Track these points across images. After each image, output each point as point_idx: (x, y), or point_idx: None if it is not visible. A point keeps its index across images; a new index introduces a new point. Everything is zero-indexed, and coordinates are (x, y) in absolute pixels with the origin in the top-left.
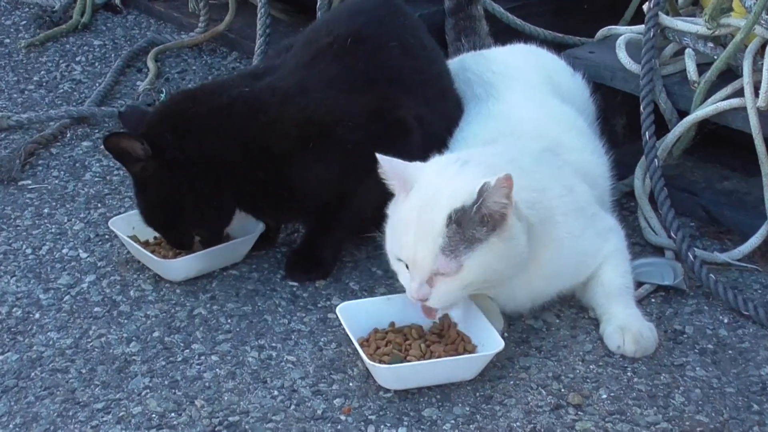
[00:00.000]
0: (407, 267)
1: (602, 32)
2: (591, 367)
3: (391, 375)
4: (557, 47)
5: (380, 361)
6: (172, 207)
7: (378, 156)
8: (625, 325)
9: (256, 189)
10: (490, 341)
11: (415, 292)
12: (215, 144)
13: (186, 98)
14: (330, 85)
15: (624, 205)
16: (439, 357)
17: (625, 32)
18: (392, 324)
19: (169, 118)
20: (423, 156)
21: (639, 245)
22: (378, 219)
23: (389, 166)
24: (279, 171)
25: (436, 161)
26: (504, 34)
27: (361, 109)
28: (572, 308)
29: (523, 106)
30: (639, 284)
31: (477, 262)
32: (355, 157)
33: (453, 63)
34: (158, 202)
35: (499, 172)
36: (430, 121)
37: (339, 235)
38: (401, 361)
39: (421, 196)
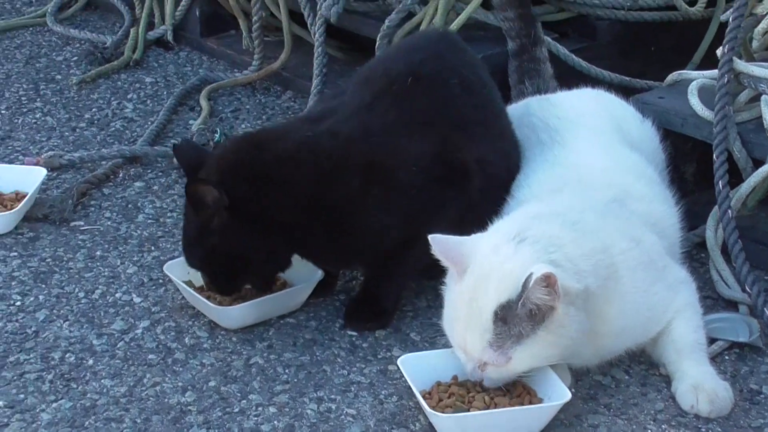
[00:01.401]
0: None
1: (672, 77)
2: (663, 427)
3: (454, 425)
4: (624, 90)
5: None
6: (233, 256)
7: (430, 237)
8: (699, 384)
9: (317, 236)
10: (556, 394)
11: (470, 374)
12: (284, 194)
13: (251, 145)
14: (391, 129)
15: (695, 257)
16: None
17: (698, 77)
18: (455, 377)
19: (240, 166)
20: (483, 199)
21: (711, 299)
22: (439, 266)
23: (442, 246)
24: (340, 218)
25: (493, 235)
26: (568, 77)
27: (423, 153)
28: (642, 364)
29: (590, 153)
30: (711, 340)
31: (525, 355)
32: (416, 203)
33: (517, 107)
34: (220, 250)
35: (555, 251)
36: (490, 162)
37: (399, 283)
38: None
39: (473, 281)
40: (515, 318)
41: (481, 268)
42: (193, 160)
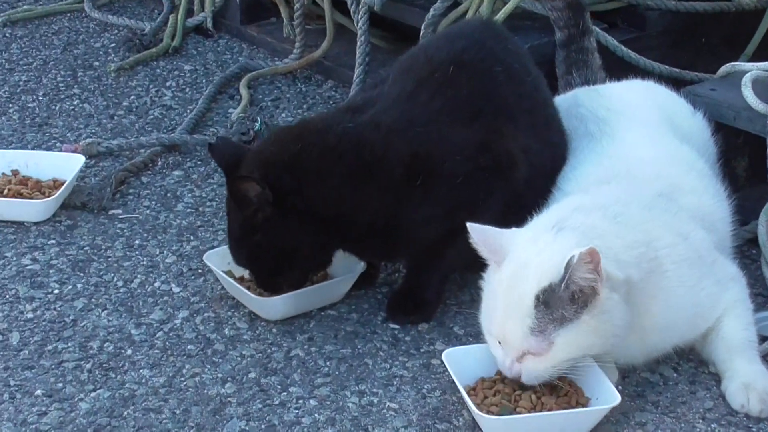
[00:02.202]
0: (499, 342)
1: (725, 69)
2: (713, 426)
3: (501, 427)
4: (673, 82)
5: (488, 412)
6: (277, 252)
7: (468, 225)
8: (750, 383)
9: (360, 229)
10: (604, 394)
11: (507, 369)
12: (327, 187)
13: (292, 138)
14: (434, 118)
15: (745, 253)
16: (550, 410)
17: (751, 69)
18: (499, 372)
19: (281, 161)
20: (528, 190)
21: (762, 296)
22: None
23: (481, 235)
24: (383, 210)
25: (532, 227)
26: (617, 68)
27: (467, 143)
28: (691, 361)
29: (639, 145)
30: (762, 339)
31: (568, 340)
32: (461, 193)
33: (565, 98)
34: (264, 247)
35: (595, 239)
36: (535, 152)
37: (443, 275)
38: (511, 413)
39: (511, 270)
40: (558, 301)
41: (519, 257)
42: (231, 157)
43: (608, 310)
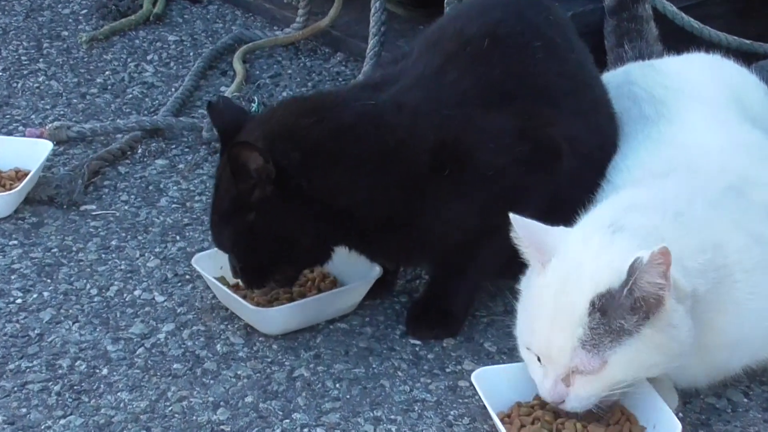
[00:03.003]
0: (539, 359)
1: None
2: None
3: None
4: (742, 56)
5: None
6: (270, 239)
7: (512, 217)
8: None
9: (375, 226)
10: (662, 422)
11: (549, 392)
12: (341, 172)
13: (305, 110)
14: (465, 100)
15: None
16: None
17: None
18: (538, 396)
19: (291, 134)
20: (573, 184)
21: None
22: (519, 262)
23: (525, 230)
24: (405, 204)
25: (583, 226)
26: (676, 39)
27: (503, 129)
28: (764, 384)
29: (703, 131)
30: None
31: (625, 358)
32: (495, 188)
33: (615, 75)
34: (256, 230)
35: (659, 242)
36: (582, 140)
37: (472, 283)
38: None
39: (561, 272)
40: (617, 309)
41: (569, 259)
42: (231, 122)
43: (675, 324)
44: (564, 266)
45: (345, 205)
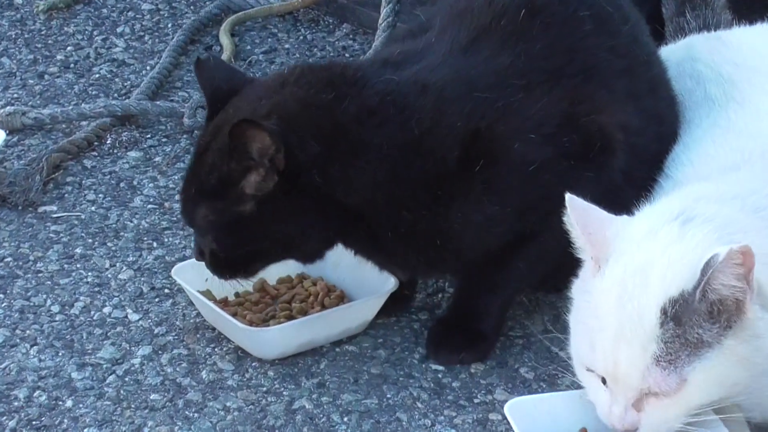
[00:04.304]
0: (603, 381)
1: None
2: None
3: None
4: None
5: None
6: (262, 239)
7: (568, 198)
8: None
9: (394, 230)
10: None
11: (619, 420)
12: (360, 166)
13: (323, 82)
14: (501, 81)
15: None
16: None
17: None
18: (584, 431)
19: (310, 116)
20: (627, 182)
21: None
22: (564, 272)
23: (582, 214)
24: (430, 205)
25: (646, 216)
26: (748, 7)
27: (546, 116)
28: None
29: None
30: None
31: (707, 375)
32: (536, 186)
33: (675, 49)
34: (248, 227)
35: (736, 235)
36: (637, 130)
37: (506, 298)
38: None
39: (622, 273)
40: (692, 316)
41: (632, 256)
42: (223, 84)
43: (760, 335)
44: (626, 265)
45: (359, 204)
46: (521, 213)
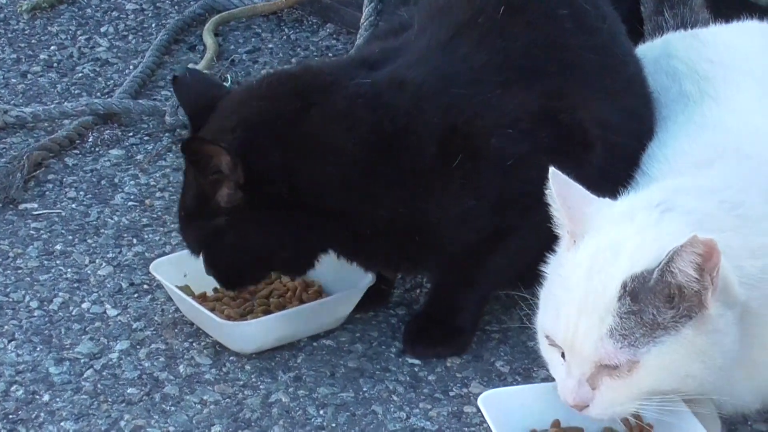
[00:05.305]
0: (563, 356)
1: None
2: None
3: None
4: None
5: None
6: (242, 249)
7: (551, 171)
8: None
9: (370, 230)
10: None
11: (571, 393)
12: (331, 170)
13: (289, 92)
14: (479, 77)
15: None
16: None
17: None
18: (557, 423)
19: (272, 127)
20: (603, 178)
21: None
22: (539, 269)
23: (563, 188)
24: (406, 203)
25: (628, 201)
26: (726, 5)
27: (524, 112)
28: None
29: (755, 112)
30: None
31: (661, 361)
32: (514, 181)
33: (652, 46)
34: (226, 238)
35: (713, 233)
36: (615, 127)
37: (482, 292)
38: None
39: (595, 248)
40: (649, 295)
41: (608, 234)
42: (202, 100)
43: (720, 329)
44: (600, 241)
45: (335, 207)
46: (499, 208)
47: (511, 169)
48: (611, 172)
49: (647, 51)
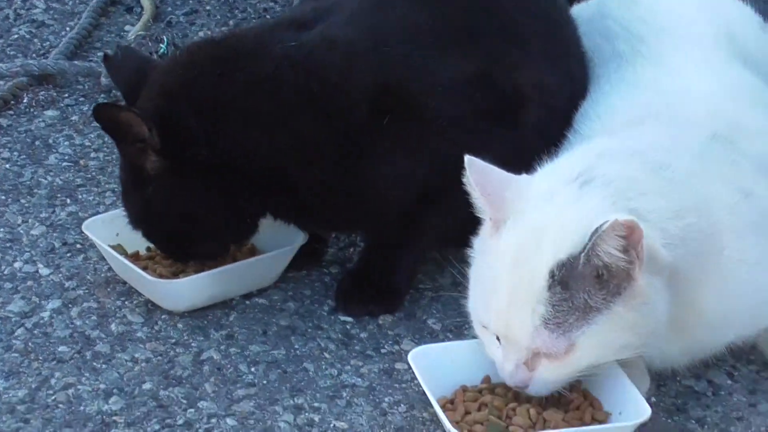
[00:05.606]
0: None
1: None
2: None
3: None
4: None
5: None
6: (175, 217)
7: (467, 159)
8: None
9: (302, 191)
10: (630, 408)
11: (509, 376)
12: (256, 134)
13: (212, 59)
14: (412, 37)
15: None
16: (556, 428)
17: None
18: (487, 379)
19: (190, 93)
20: (538, 138)
21: None
22: (473, 229)
23: (481, 175)
24: (338, 164)
25: (546, 175)
26: None
27: (459, 73)
28: (751, 364)
29: (686, 72)
30: None
31: (594, 340)
32: (448, 143)
33: (587, 6)
34: (157, 208)
35: (635, 198)
36: (551, 89)
37: (415, 252)
38: None
39: (518, 235)
40: (579, 281)
41: (530, 219)
42: (135, 77)
43: (650, 300)
44: (522, 228)
45: (265, 171)
46: (432, 168)
47: (445, 130)
48: (547, 132)
49: (581, 11)
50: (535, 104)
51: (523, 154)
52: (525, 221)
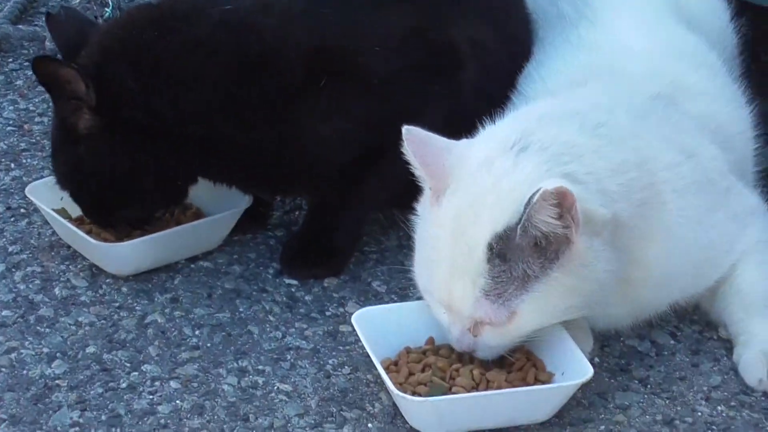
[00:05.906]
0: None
1: None
2: (719, 408)
3: (429, 412)
4: None
5: (414, 393)
6: (106, 178)
7: (404, 129)
8: None
9: (241, 153)
10: (572, 368)
11: (456, 341)
12: (191, 96)
13: (150, 21)
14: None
15: None
16: (499, 389)
17: None
18: (431, 340)
19: (127, 53)
20: (478, 97)
21: None
22: (417, 189)
23: (419, 145)
24: (276, 125)
25: (485, 142)
26: None
27: (394, 30)
28: (694, 324)
29: (629, 32)
30: None
31: (535, 306)
32: (384, 101)
33: None
34: (87, 167)
35: (572, 161)
36: (489, 48)
37: (359, 214)
38: (444, 394)
39: (457, 207)
40: (517, 252)
41: (467, 188)
42: (76, 38)
43: (589, 263)
44: (460, 198)
45: (199, 133)
46: (371, 128)
47: (380, 88)
48: (488, 93)
49: None
50: (473, 63)
51: (463, 115)
52: (463, 191)
